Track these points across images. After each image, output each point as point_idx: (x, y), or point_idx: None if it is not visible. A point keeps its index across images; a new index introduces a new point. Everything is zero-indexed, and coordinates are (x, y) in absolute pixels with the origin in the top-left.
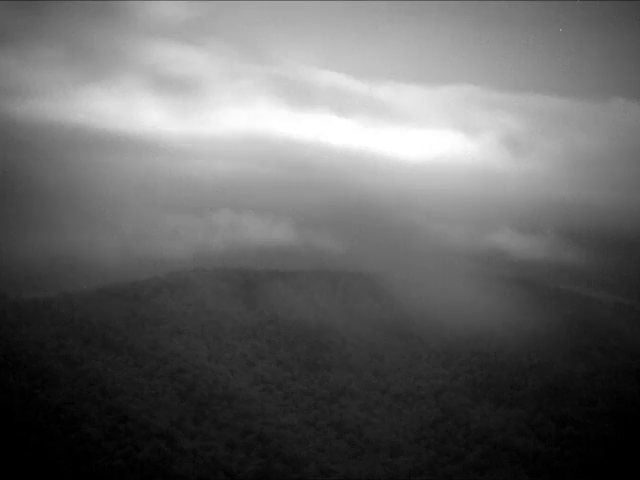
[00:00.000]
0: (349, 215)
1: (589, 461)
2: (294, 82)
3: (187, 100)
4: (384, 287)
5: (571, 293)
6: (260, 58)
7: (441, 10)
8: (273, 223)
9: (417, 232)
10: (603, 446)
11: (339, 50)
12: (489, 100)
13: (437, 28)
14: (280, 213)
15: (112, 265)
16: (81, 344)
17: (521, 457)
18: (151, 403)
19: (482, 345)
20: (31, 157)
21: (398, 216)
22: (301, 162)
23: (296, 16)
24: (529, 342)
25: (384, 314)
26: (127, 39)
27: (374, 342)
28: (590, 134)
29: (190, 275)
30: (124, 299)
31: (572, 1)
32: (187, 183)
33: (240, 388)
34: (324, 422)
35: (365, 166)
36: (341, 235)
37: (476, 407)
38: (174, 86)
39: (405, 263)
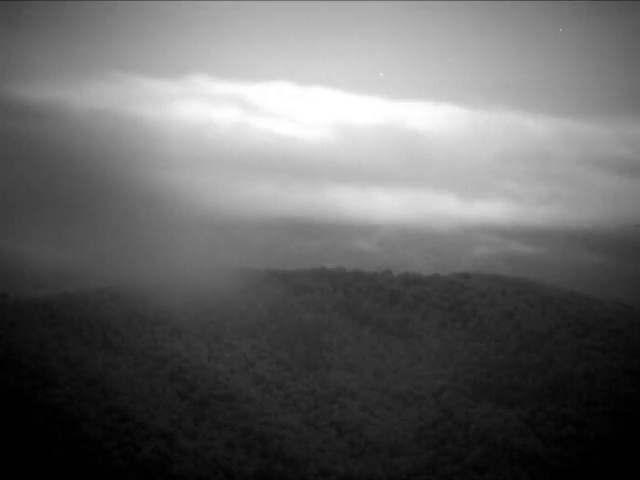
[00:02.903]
0: None
1: (589, 461)
2: None
3: None
4: (385, 287)
5: (571, 293)
6: None
7: (434, 8)
8: None
9: None
10: (603, 446)
11: None
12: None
13: (430, 27)
14: None
15: (112, 265)
16: (81, 344)
17: (521, 457)
18: (151, 403)
19: (482, 345)
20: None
21: None
22: None
23: None
24: (529, 342)
25: (384, 314)
26: None
27: (374, 342)
28: None
29: (190, 275)
30: (124, 299)
31: (572, 1)
32: None
33: (240, 388)
34: (324, 422)
35: None
36: None
37: (476, 407)
38: None
39: None
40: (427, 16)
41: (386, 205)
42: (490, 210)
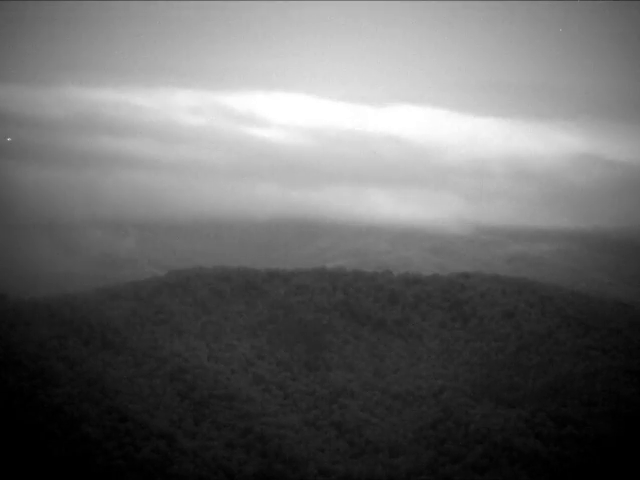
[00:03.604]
0: None
1: (589, 461)
2: None
3: None
4: (385, 287)
5: (571, 293)
6: None
7: (437, 9)
8: None
9: None
10: (603, 446)
11: None
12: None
13: (434, 27)
14: None
15: (113, 265)
16: (81, 344)
17: (521, 457)
18: (151, 403)
19: (482, 345)
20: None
21: None
22: None
23: None
24: (529, 342)
25: (384, 314)
26: None
27: (374, 342)
28: None
29: (190, 275)
30: (124, 299)
31: (572, 1)
32: None
33: (240, 388)
34: (324, 422)
35: None
36: None
37: (476, 407)
38: None
39: None
40: (416, 16)
41: (386, 205)
42: (490, 210)
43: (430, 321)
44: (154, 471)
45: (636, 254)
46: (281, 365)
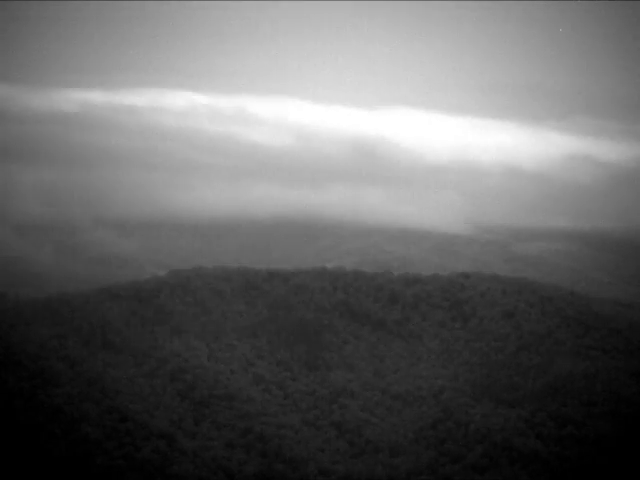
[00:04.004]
0: None
1: (589, 461)
2: None
3: None
4: (385, 287)
5: (571, 293)
6: None
7: (438, 8)
8: None
9: None
10: (603, 446)
11: None
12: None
13: (428, 29)
14: None
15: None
16: (81, 344)
17: (521, 457)
18: (151, 403)
19: (482, 345)
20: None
21: None
22: None
23: None
24: (529, 342)
25: (384, 314)
26: None
27: (374, 342)
28: None
29: (190, 275)
30: (124, 299)
31: (572, 1)
32: None
33: (240, 388)
34: (324, 422)
35: None
36: None
37: (476, 407)
38: None
39: None
40: (411, 19)
41: (386, 205)
42: (490, 210)
43: (430, 321)
44: (154, 471)
45: (636, 254)
46: (281, 365)
